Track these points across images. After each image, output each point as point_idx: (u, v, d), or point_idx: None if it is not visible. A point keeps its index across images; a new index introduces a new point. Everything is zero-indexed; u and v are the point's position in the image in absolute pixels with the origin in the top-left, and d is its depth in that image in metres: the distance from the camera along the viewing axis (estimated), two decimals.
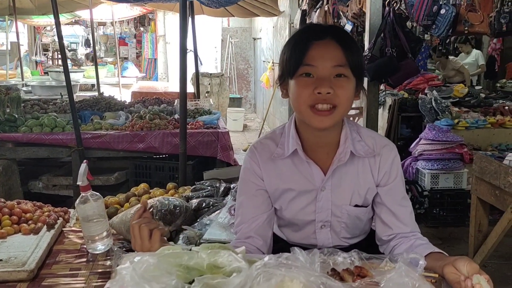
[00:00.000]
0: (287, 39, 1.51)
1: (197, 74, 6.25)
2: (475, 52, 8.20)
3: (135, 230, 1.38)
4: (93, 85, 8.54)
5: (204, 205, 2.24)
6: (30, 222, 2.14)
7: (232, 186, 2.43)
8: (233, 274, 0.93)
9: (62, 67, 4.48)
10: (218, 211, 2.11)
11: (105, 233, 1.99)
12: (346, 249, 1.60)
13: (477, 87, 7.27)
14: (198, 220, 2.13)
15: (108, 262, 1.90)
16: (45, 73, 11.00)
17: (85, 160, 1.96)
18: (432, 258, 1.36)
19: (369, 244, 1.63)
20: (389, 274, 1.04)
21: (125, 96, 8.23)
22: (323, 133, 1.46)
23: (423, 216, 4.69)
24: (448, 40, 8.70)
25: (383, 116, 5.88)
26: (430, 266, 1.29)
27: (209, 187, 2.50)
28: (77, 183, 1.90)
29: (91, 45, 9.58)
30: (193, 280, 0.94)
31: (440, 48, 8.16)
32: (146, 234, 1.35)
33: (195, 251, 1.01)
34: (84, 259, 1.95)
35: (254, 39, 12.66)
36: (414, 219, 1.56)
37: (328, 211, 1.53)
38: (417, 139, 4.86)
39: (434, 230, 4.61)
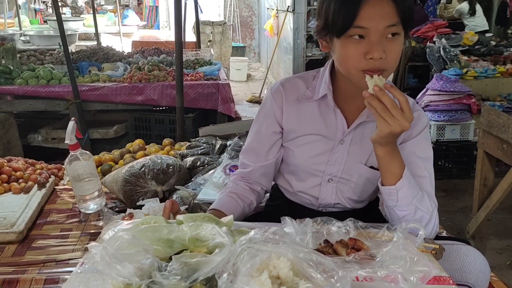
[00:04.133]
0: None
1: (197, 22, 6.05)
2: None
3: None
4: (94, 34, 8.33)
5: (198, 163, 2.16)
6: (20, 180, 2.09)
7: (228, 143, 2.35)
8: (215, 249, 0.86)
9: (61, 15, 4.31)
10: (213, 170, 2.04)
11: (96, 193, 1.94)
12: (346, 212, 1.54)
13: (488, 34, 7.02)
14: (192, 179, 2.07)
15: (101, 223, 1.85)
16: (44, 21, 10.72)
17: (72, 118, 1.88)
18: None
19: (370, 208, 1.56)
20: (385, 247, 0.97)
21: (126, 46, 8.04)
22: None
23: None
24: None
25: None
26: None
27: (204, 144, 2.41)
28: (65, 142, 1.83)
29: None
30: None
31: None
32: None
33: (175, 225, 0.94)
34: (76, 219, 1.91)
35: None
36: (433, 191, 1.41)
37: (340, 166, 1.46)
38: (424, 90, 4.73)
39: (439, 182, 4.48)
